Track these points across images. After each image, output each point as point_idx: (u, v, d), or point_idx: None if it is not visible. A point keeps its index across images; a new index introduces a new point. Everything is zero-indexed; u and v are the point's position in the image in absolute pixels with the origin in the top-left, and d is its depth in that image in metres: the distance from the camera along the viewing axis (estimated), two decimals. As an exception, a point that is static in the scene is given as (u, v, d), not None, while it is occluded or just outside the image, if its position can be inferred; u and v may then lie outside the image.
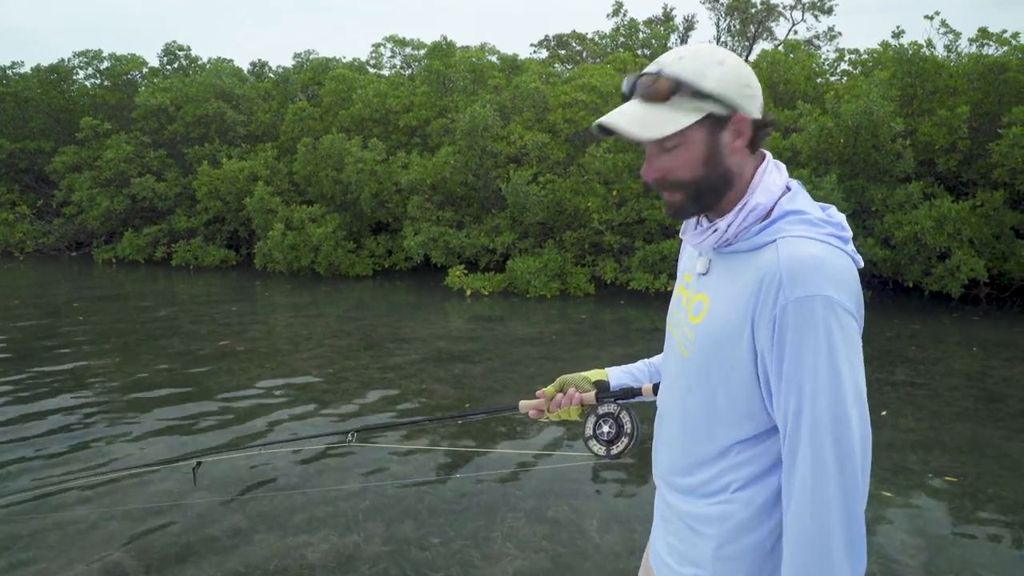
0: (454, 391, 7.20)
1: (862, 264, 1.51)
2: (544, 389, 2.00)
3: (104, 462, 5.40)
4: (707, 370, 1.56)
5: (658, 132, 1.48)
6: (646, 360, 2.05)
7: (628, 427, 1.83)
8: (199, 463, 2.73)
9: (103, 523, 4.47)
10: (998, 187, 11.80)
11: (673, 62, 1.49)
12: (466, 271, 13.57)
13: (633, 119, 1.50)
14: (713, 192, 1.54)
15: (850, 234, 1.51)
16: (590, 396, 1.91)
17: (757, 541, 1.53)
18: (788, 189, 1.55)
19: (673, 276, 12.71)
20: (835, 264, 1.40)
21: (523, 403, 2.05)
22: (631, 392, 1.88)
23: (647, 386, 1.89)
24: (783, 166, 1.59)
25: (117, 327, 10.21)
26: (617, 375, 2.00)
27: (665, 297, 12.38)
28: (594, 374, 1.98)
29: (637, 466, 5.33)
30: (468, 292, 13.04)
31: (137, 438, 5.90)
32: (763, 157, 1.57)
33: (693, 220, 1.64)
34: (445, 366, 8.13)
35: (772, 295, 1.41)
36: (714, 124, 1.49)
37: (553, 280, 12.96)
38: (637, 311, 11.56)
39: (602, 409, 1.86)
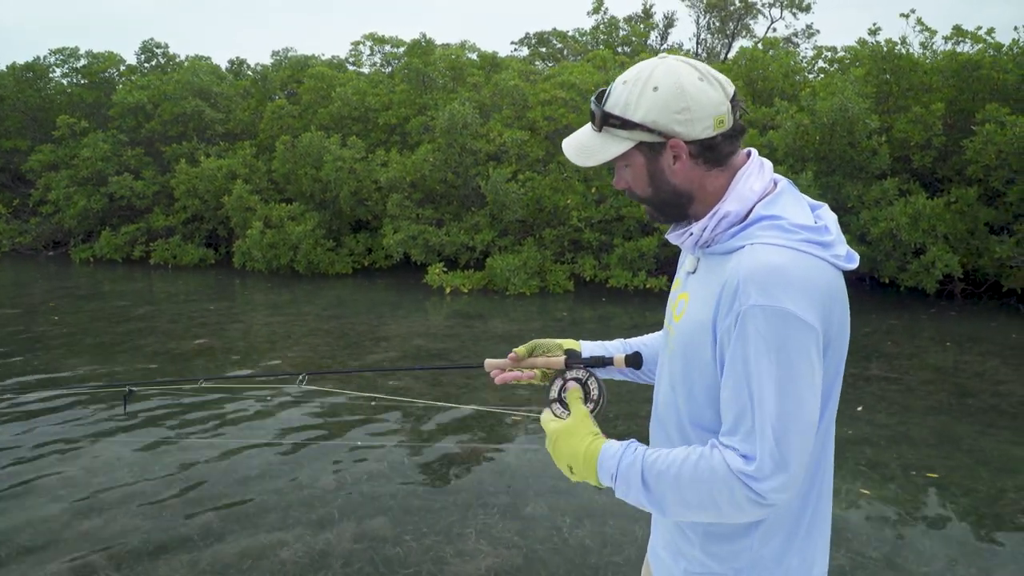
0: (430, 388, 7.20)
1: (853, 265, 1.51)
2: (515, 349, 1.98)
3: (77, 460, 5.36)
4: (683, 369, 1.58)
5: (591, 160, 1.57)
6: (623, 340, 2.06)
7: (594, 393, 1.78)
8: (130, 391, 2.72)
9: (75, 522, 4.45)
10: (972, 183, 11.92)
11: (616, 86, 1.55)
12: (446, 269, 13.56)
13: (575, 146, 1.60)
14: (673, 206, 1.59)
15: (834, 237, 1.50)
16: (558, 361, 1.89)
17: (744, 544, 1.55)
18: (775, 185, 1.55)
19: (651, 273, 12.78)
20: (797, 273, 1.39)
21: (488, 361, 2.02)
22: (601, 361, 1.87)
23: (619, 356, 1.87)
24: (768, 166, 1.58)
25: (94, 326, 10.14)
26: (591, 347, 2.01)
27: (644, 294, 12.44)
28: (567, 343, 1.98)
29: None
30: (448, 290, 13.03)
31: (108, 435, 5.86)
32: (741, 162, 1.56)
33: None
34: (423, 363, 8.12)
35: (729, 301, 1.43)
36: (650, 150, 1.53)
37: (532, 277, 12.97)
38: (616, 308, 11.60)
39: (569, 374, 1.84)
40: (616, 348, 2.02)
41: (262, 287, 13.84)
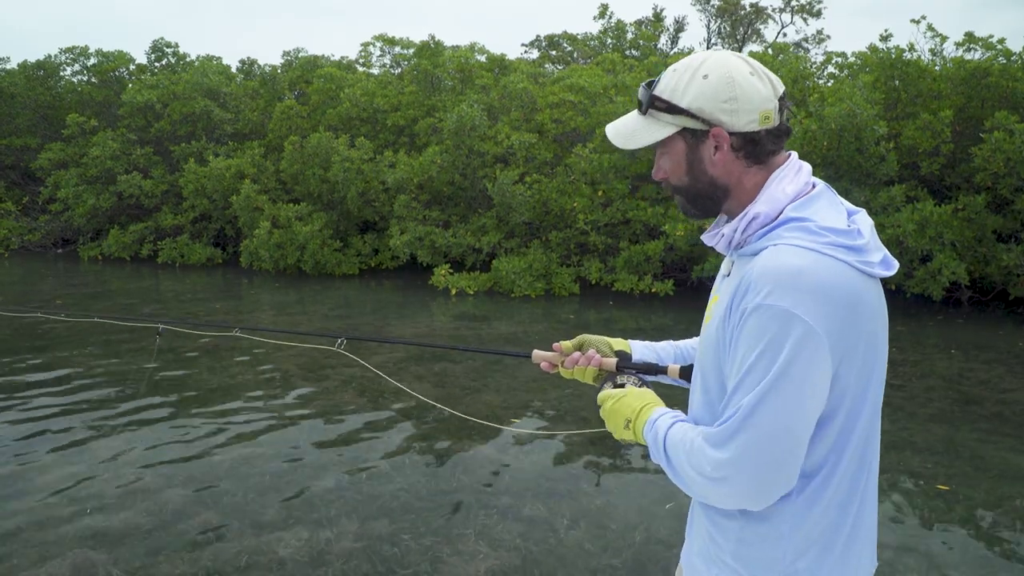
0: (434, 389, 7.21)
1: (889, 272, 1.48)
2: (561, 343, 1.95)
3: (81, 456, 5.39)
4: (707, 373, 1.57)
5: (633, 142, 1.58)
6: (673, 341, 2.00)
7: None
8: (162, 329, 2.83)
9: (76, 518, 4.47)
10: (980, 191, 11.87)
11: (666, 72, 1.55)
12: (452, 270, 13.58)
13: (619, 128, 1.61)
14: (708, 199, 1.58)
15: (867, 242, 1.47)
16: (610, 362, 1.84)
17: (776, 555, 1.49)
18: (812, 187, 1.53)
19: (657, 277, 12.77)
20: (813, 276, 1.36)
21: (537, 352, 2.00)
22: (654, 368, 1.82)
23: (673, 367, 1.83)
24: (807, 169, 1.56)
25: (100, 324, 10.17)
26: (640, 350, 1.96)
27: (650, 298, 12.43)
28: (617, 342, 1.94)
29: (613, 466, 5.36)
30: (453, 291, 13.05)
31: (113, 431, 5.89)
32: (780, 163, 1.55)
33: (712, 223, 1.67)
34: (427, 365, 8.14)
35: (739, 300, 1.42)
36: (692, 137, 1.53)
37: (538, 280, 12.97)
38: (622, 312, 11.60)
39: (620, 379, 1.79)
40: (667, 352, 1.97)
41: (269, 287, 13.88)
